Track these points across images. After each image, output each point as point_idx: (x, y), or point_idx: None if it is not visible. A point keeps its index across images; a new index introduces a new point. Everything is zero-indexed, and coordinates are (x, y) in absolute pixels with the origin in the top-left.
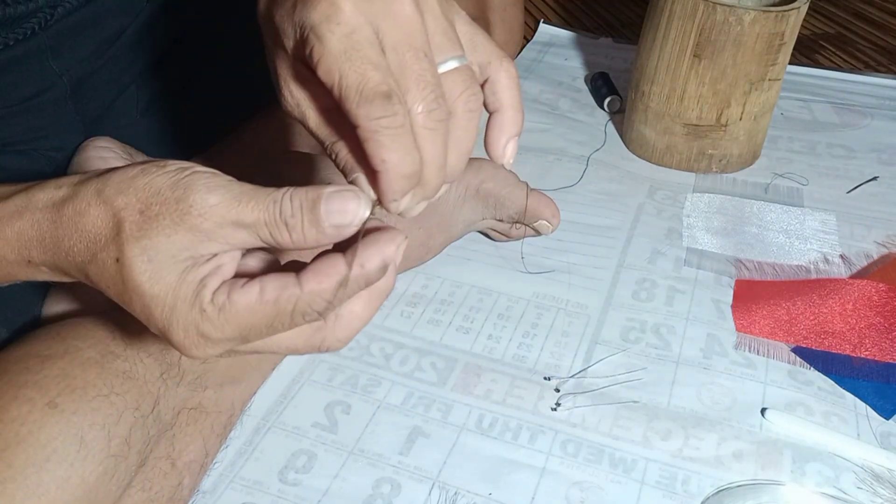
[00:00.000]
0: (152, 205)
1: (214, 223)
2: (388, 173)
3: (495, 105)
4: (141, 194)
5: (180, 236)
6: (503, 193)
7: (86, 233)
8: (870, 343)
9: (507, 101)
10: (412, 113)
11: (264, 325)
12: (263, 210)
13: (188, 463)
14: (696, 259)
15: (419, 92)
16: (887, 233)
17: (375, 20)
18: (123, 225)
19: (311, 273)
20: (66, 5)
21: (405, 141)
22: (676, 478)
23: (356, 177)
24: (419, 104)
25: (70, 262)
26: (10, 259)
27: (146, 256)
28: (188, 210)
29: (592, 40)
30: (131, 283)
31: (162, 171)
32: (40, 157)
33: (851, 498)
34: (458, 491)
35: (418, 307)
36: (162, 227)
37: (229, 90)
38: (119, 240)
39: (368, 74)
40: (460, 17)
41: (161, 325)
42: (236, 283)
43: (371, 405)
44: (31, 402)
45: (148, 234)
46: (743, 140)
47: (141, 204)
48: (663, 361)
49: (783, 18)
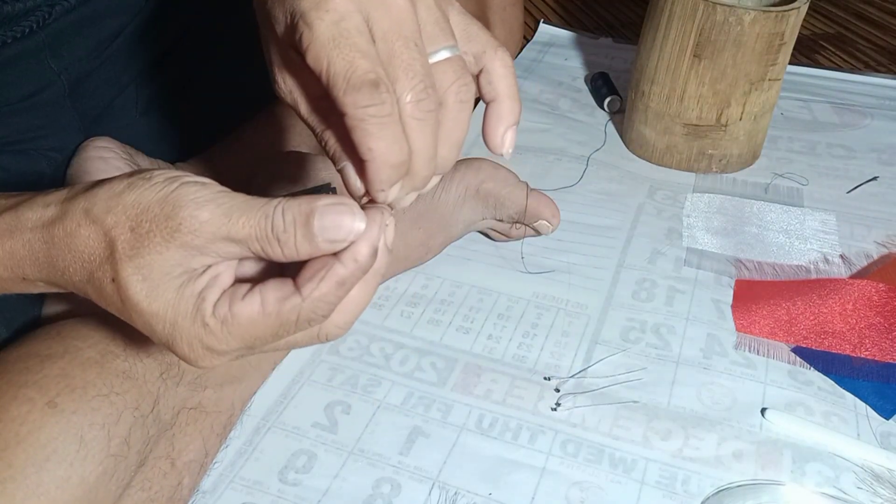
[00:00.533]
0: (142, 222)
1: (206, 239)
2: (375, 162)
3: (491, 95)
4: (130, 211)
5: (172, 253)
6: (503, 193)
7: (79, 253)
8: (870, 343)
9: (503, 91)
10: (401, 102)
11: (270, 336)
12: (255, 226)
13: (188, 463)
14: (696, 259)
15: (408, 81)
16: (887, 233)
17: (366, 8)
18: (116, 244)
19: (309, 279)
20: (64, 4)
21: (392, 130)
22: (676, 478)
23: (343, 166)
24: (408, 93)
25: (67, 280)
26: (3, 276)
27: (140, 275)
28: (178, 227)
29: (592, 40)
30: (129, 301)
31: (149, 184)
32: (39, 157)
33: (851, 498)
34: (458, 491)
35: (418, 307)
36: (154, 245)
37: (229, 90)
38: (113, 259)
39: (356, 62)
40: (454, 7)
41: (165, 341)
42: (237, 294)
43: (371, 405)
44: (30, 401)
45: (140, 252)
46: (743, 140)
47: (131, 221)
48: (663, 361)
49: (783, 18)
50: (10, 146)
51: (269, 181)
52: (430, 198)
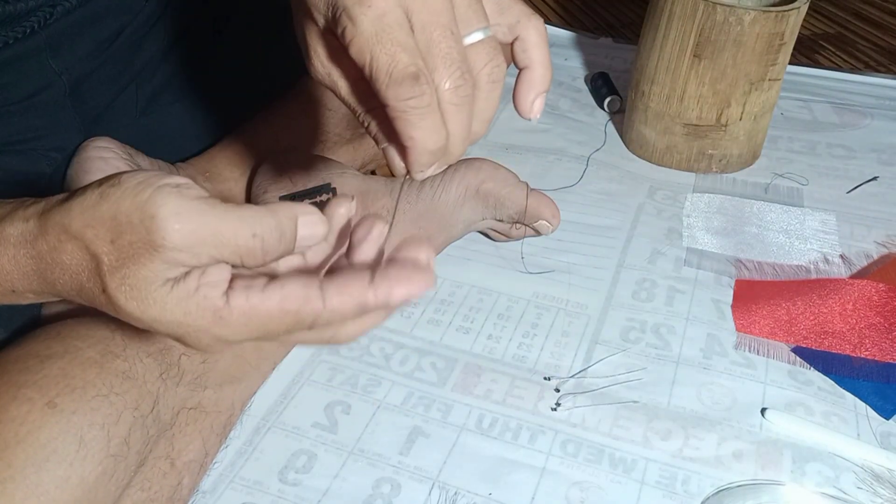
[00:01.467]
0: (123, 234)
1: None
2: (416, 149)
3: (525, 62)
4: (108, 224)
5: (156, 265)
6: (503, 193)
7: (67, 267)
8: (870, 343)
9: (536, 58)
10: (439, 90)
11: (283, 331)
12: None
13: (188, 463)
14: (696, 259)
15: (446, 70)
16: (887, 233)
17: (405, 1)
18: (100, 258)
19: (336, 290)
20: (65, 4)
21: (432, 119)
22: (676, 478)
23: (385, 147)
24: (446, 81)
25: (58, 291)
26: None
27: (127, 285)
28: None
29: (592, 40)
30: (123, 311)
31: (120, 191)
32: (40, 157)
33: (851, 498)
34: (458, 491)
35: (418, 307)
36: (137, 257)
37: (229, 90)
38: (100, 272)
39: (398, 56)
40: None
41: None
42: (255, 286)
43: (371, 405)
44: (30, 401)
45: (125, 263)
46: (743, 140)
47: (111, 234)
48: (663, 361)
49: (783, 18)
50: (11, 146)
51: (270, 181)
52: (430, 198)
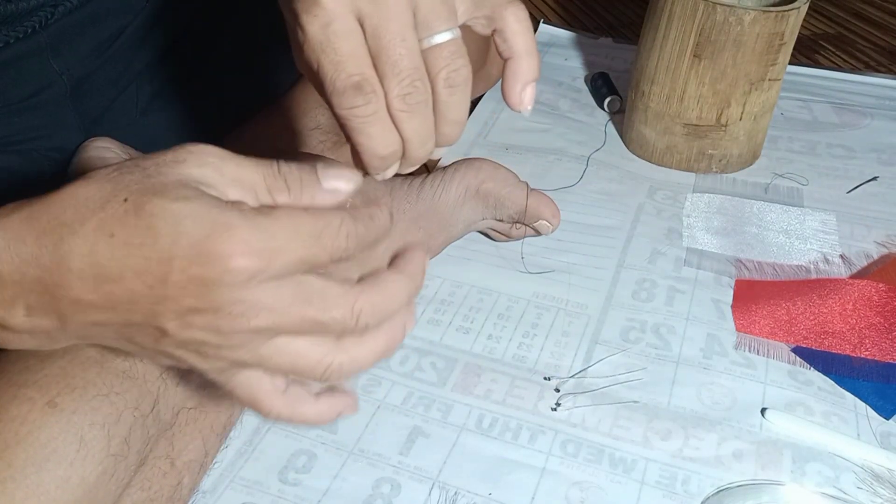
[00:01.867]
0: (149, 165)
1: (215, 180)
2: (364, 154)
3: (507, 52)
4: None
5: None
6: (503, 193)
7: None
8: (870, 343)
9: (518, 47)
10: (388, 97)
11: (302, 248)
12: (263, 171)
13: (188, 462)
14: (696, 259)
15: (394, 77)
16: (887, 233)
17: (359, 5)
18: (123, 177)
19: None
20: (66, 4)
21: (378, 126)
22: (676, 478)
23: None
24: (394, 88)
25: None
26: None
27: (156, 181)
28: (189, 173)
29: (592, 40)
30: (146, 209)
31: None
32: (40, 157)
33: (851, 498)
34: (458, 491)
35: (418, 307)
36: (167, 173)
37: (230, 90)
38: (122, 184)
39: (341, 66)
40: None
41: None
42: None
43: (371, 405)
44: (30, 401)
45: (152, 175)
46: (743, 140)
47: (138, 165)
48: (663, 361)
49: (783, 18)
50: (11, 146)
51: None
52: (430, 198)
